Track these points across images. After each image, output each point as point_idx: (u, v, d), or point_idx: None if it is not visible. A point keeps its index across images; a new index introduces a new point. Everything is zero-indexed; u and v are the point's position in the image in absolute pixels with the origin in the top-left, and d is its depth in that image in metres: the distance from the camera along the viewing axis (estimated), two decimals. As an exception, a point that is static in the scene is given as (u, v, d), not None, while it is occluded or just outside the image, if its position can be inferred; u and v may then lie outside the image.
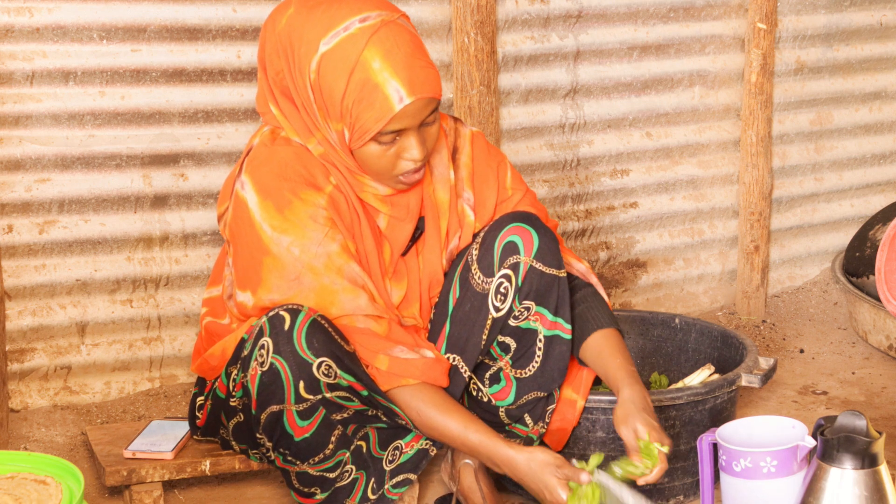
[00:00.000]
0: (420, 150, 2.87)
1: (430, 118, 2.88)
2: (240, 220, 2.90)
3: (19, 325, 3.62)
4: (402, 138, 2.86)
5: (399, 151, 2.87)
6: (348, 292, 2.87)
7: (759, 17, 4.17)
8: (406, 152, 2.88)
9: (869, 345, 4.14)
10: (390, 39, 2.81)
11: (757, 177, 4.28)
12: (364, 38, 2.80)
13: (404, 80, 2.80)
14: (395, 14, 2.86)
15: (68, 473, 2.57)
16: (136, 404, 3.71)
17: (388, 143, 2.86)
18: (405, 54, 2.81)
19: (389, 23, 2.83)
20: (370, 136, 2.83)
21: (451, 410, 2.88)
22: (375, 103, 2.80)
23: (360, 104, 2.81)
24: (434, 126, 2.91)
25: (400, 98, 2.80)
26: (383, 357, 2.87)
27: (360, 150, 2.87)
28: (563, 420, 3.13)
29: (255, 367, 2.82)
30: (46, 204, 3.59)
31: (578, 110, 4.08)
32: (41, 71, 3.51)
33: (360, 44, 2.80)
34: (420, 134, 2.88)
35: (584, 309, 3.08)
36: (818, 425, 2.84)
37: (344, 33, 2.81)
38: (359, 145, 2.86)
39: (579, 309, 3.08)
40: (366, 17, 2.82)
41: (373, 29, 2.81)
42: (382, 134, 2.83)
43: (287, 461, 2.91)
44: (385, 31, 2.81)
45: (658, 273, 4.29)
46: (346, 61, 2.80)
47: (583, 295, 3.10)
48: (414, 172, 2.91)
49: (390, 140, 2.85)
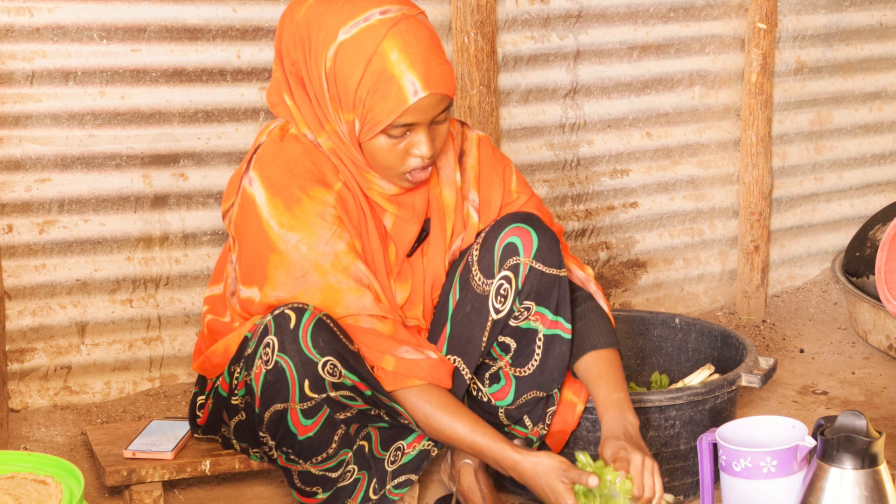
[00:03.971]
0: (429, 147, 2.87)
1: (442, 116, 2.88)
2: (247, 217, 2.90)
3: (19, 325, 3.62)
4: (412, 133, 2.86)
5: (408, 147, 2.87)
6: (354, 292, 2.87)
7: (759, 16, 4.17)
8: (415, 148, 2.87)
9: (869, 345, 4.14)
10: (409, 33, 2.82)
11: (757, 177, 4.28)
12: (384, 29, 2.81)
13: (421, 74, 2.80)
14: (415, 10, 2.87)
15: (68, 473, 2.57)
16: (136, 404, 3.71)
17: (398, 138, 2.86)
18: (423, 49, 2.82)
19: (409, 17, 2.84)
20: (381, 128, 2.83)
21: (459, 412, 2.89)
22: (390, 94, 2.80)
23: (374, 94, 2.81)
24: (444, 125, 2.91)
25: (415, 91, 2.80)
26: (389, 357, 2.87)
27: (370, 142, 2.87)
28: (563, 422, 3.13)
29: (260, 365, 2.82)
30: (46, 204, 3.59)
31: (578, 110, 4.08)
32: (41, 71, 3.51)
33: (380, 34, 2.81)
34: (431, 131, 2.88)
35: (582, 327, 3.07)
36: (818, 425, 2.84)
37: (364, 23, 2.82)
38: (369, 137, 2.86)
39: (577, 326, 3.07)
40: (386, 9, 2.83)
41: (393, 21, 2.82)
42: (393, 127, 2.83)
43: (290, 460, 2.91)
44: (405, 25, 2.82)
45: (658, 273, 4.29)
46: (364, 51, 2.81)
47: (582, 311, 3.09)
48: (421, 170, 2.91)
49: (400, 134, 2.85)
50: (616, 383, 3.00)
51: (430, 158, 2.89)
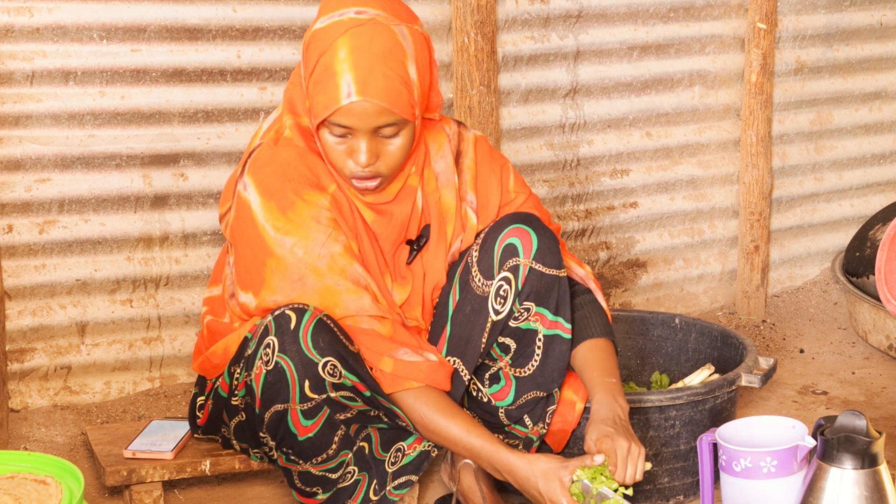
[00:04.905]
0: (364, 157, 2.84)
1: (389, 130, 2.84)
2: (242, 222, 2.90)
3: (19, 325, 3.62)
4: (352, 138, 2.85)
5: (348, 150, 2.86)
6: (352, 293, 2.87)
7: (759, 16, 4.17)
8: (353, 154, 2.86)
9: (869, 345, 4.14)
10: (366, 35, 2.79)
11: (757, 177, 4.28)
12: (345, 27, 2.80)
13: (358, 79, 2.78)
14: (397, 21, 2.83)
15: (68, 473, 2.57)
16: (136, 404, 3.71)
17: (339, 137, 2.85)
18: (373, 55, 2.79)
19: (379, 24, 2.81)
20: (318, 121, 2.84)
21: (454, 414, 2.88)
22: (328, 90, 2.80)
23: (317, 86, 2.82)
24: (394, 143, 2.86)
25: (348, 93, 2.79)
26: (388, 359, 2.87)
27: (318, 133, 2.87)
28: (563, 421, 3.13)
29: (260, 365, 2.82)
30: (46, 204, 3.59)
31: (578, 110, 4.08)
32: (41, 71, 3.50)
33: (340, 31, 2.80)
34: (371, 141, 2.84)
35: (579, 317, 3.08)
36: (818, 425, 2.84)
37: (337, 17, 2.82)
38: (314, 125, 2.86)
39: (573, 317, 3.08)
40: (362, 10, 2.82)
41: (358, 22, 2.80)
42: (331, 124, 2.83)
43: (290, 461, 2.91)
44: (367, 28, 2.80)
45: (658, 273, 4.29)
46: (323, 43, 2.81)
47: (580, 302, 3.10)
48: (365, 179, 2.88)
49: (340, 134, 2.84)
50: (608, 369, 3.00)
51: (365, 168, 2.86)
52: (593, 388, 2.97)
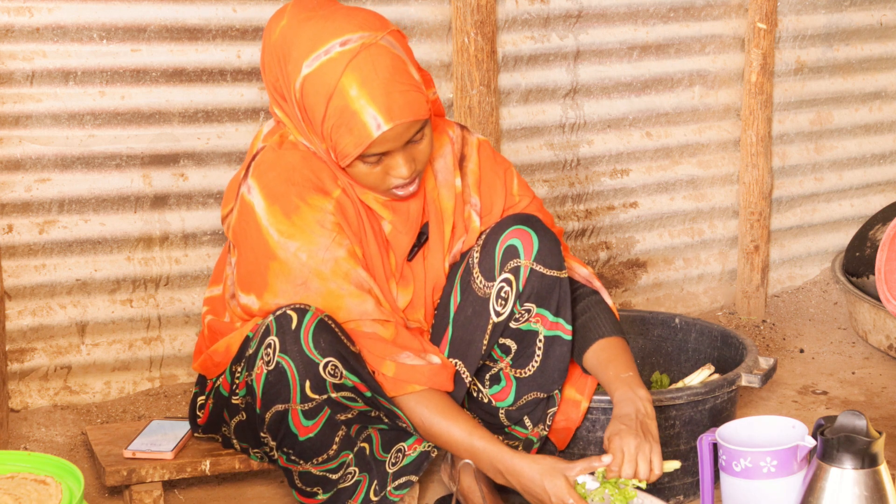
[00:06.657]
0: (407, 168, 2.86)
1: (418, 136, 2.85)
2: (246, 224, 2.90)
3: (19, 325, 3.62)
4: (387, 158, 2.85)
5: (386, 169, 2.87)
6: (355, 297, 2.87)
7: (759, 16, 4.17)
8: (393, 171, 2.87)
9: (869, 345, 4.14)
10: (368, 64, 2.78)
11: (757, 177, 4.28)
12: (342, 63, 2.77)
13: (381, 107, 2.77)
14: (379, 34, 2.82)
15: (68, 473, 2.57)
16: (136, 404, 3.71)
17: (374, 163, 2.85)
18: (383, 80, 2.78)
19: (370, 46, 2.79)
20: (351, 160, 2.83)
21: (456, 416, 2.88)
22: (354, 130, 2.79)
23: (339, 129, 2.80)
24: (423, 142, 2.88)
25: (378, 125, 2.78)
26: (390, 363, 2.87)
27: (348, 168, 2.87)
28: (567, 420, 3.13)
29: (261, 365, 2.82)
30: (46, 204, 3.59)
31: (578, 110, 4.08)
32: (41, 71, 3.51)
33: (339, 70, 2.77)
34: (407, 152, 2.86)
35: (587, 319, 3.08)
36: (818, 425, 2.84)
37: (324, 57, 2.79)
38: (344, 165, 2.86)
39: (583, 319, 3.08)
40: (346, 39, 2.79)
41: (352, 53, 2.78)
42: (365, 156, 2.83)
43: (290, 461, 2.92)
44: (364, 56, 2.78)
45: (658, 273, 4.29)
46: (325, 86, 2.79)
47: (587, 304, 3.10)
48: (406, 185, 2.91)
49: (375, 160, 2.85)
50: (625, 364, 3.00)
51: (409, 177, 2.88)
52: (611, 386, 2.97)
